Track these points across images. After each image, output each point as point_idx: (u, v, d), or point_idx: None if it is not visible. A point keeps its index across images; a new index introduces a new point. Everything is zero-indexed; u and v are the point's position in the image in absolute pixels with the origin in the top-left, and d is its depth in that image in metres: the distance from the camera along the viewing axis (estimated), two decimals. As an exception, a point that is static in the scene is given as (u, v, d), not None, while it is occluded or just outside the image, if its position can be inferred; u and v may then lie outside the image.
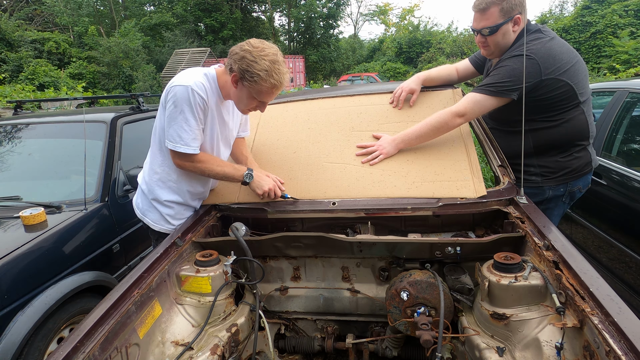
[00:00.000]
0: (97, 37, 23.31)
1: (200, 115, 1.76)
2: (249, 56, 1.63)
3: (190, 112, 1.72)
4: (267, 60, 1.63)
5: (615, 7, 17.03)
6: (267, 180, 1.92)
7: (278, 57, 1.67)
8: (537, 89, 1.82)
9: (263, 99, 1.74)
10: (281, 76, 1.68)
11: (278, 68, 1.66)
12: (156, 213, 1.98)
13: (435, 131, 1.95)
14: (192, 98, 1.70)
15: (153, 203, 1.97)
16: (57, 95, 12.34)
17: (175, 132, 1.75)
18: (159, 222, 1.98)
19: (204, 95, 1.72)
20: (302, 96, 2.59)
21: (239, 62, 1.65)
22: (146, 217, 2.00)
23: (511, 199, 1.76)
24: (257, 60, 1.62)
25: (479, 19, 1.88)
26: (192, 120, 1.74)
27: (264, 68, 1.62)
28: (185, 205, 1.99)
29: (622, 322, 1.00)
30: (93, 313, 1.26)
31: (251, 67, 1.63)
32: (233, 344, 1.60)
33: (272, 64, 1.64)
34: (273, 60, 1.65)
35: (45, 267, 2.13)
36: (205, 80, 1.76)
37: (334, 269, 1.89)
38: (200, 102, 1.72)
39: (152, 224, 1.99)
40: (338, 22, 33.60)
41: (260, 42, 1.69)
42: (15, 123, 3.19)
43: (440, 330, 1.42)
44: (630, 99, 2.79)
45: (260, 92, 1.69)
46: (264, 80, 1.64)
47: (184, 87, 1.70)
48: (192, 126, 1.75)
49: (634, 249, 2.36)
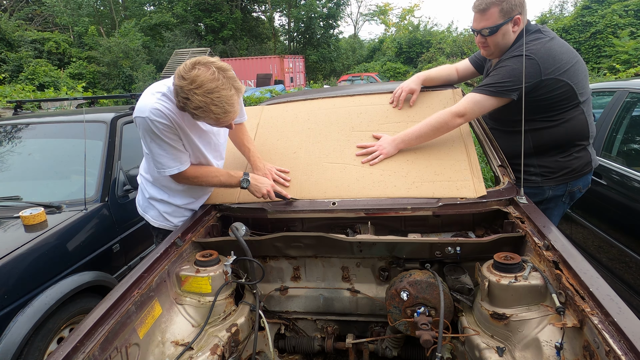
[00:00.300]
0: (97, 37, 23.32)
1: (170, 136, 1.70)
2: (181, 92, 1.49)
3: (158, 139, 1.69)
4: (200, 93, 1.46)
5: (615, 7, 17.03)
6: (264, 183, 1.90)
7: (216, 82, 1.47)
8: (537, 89, 1.82)
9: (218, 126, 1.67)
10: (223, 104, 1.50)
11: (217, 97, 1.48)
12: (154, 210, 2.03)
13: (435, 131, 1.95)
14: (153, 127, 1.65)
15: (150, 201, 2.02)
16: (57, 95, 12.33)
17: (155, 160, 1.77)
18: (158, 219, 2.03)
19: (163, 121, 1.65)
20: (302, 96, 2.60)
21: (175, 97, 1.54)
22: (147, 214, 2.06)
23: (511, 199, 1.76)
24: (189, 97, 1.47)
25: (478, 19, 1.88)
26: (163, 145, 1.71)
27: (198, 105, 1.48)
28: (179, 207, 2.01)
29: (622, 322, 1.00)
30: (93, 313, 1.26)
31: (187, 105, 1.50)
32: (233, 344, 1.60)
33: (206, 96, 1.47)
34: (208, 90, 1.46)
35: (45, 267, 2.13)
36: (164, 101, 1.66)
37: (334, 269, 1.89)
38: (162, 127, 1.66)
39: (152, 220, 2.04)
40: (338, 22, 33.60)
41: (193, 65, 1.48)
42: (15, 123, 3.19)
43: (440, 330, 1.42)
44: (630, 99, 2.79)
45: (210, 123, 1.62)
46: (204, 117, 1.54)
47: (142, 119, 1.65)
48: (166, 149, 1.73)
49: (634, 249, 2.36)
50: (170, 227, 2.02)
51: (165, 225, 2.03)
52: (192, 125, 1.78)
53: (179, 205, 2.00)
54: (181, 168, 1.78)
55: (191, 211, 2.04)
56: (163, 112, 1.64)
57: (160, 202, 2.00)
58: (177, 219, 2.01)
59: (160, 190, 1.98)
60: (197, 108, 1.49)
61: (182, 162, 1.78)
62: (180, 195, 1.98)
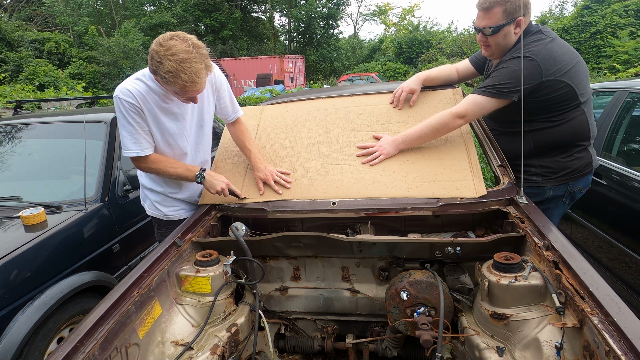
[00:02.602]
0: (97, 37, 23.32)
1: (134, 117, 1.78)
2: (156, 57, 1.57)
3: (124, 119, 1.78)
4: (173, 60, 1.54)
5: (615, 7, 17.02)
6: (219, 180, 1.95)
7: (189, 54, 1.56)
8: (538, 90, 1.82)
9: (185, 96, 1.70)
10: (192, 75, 1.57)
11: (188, 67, 1.56)
12: (148, 200, 2.13)
13: (435, 132, 1.95)
14: (120, 106, 1.75)
15: (144, 191, 2.14)
16: (57, 95, 12.34)
17: (122, 141, 1.85)
18: (151, 207, 2.14)
19: (130, 100, 1.74)
20: (302, 96, 2.59)
21: (150, 61, 1.62)
22: (144, 203, 2.18)
23: (511, 199, 1.76)
24: (162, 61, 1.55)
25: (482, 17, 1.88)
26: (127, 126, 1.80)
27: (169, 70, 1.55)
28: (166, 196, 2.09)
29: (621, 322, 1.00)
30: (93, 313, 1.26)
31: (158, 68, 1.58)
32: (233, 344, 1.60)
33: (178, 63, 1.55)
34: (180, 59, 1.55)
35: (45, 267, 2.13)
36: (138, 83, 1.77)
37: (334, 269, 1.89)
38: (129, 107, 1.75)
39: (147, 209, 2.17)
40: (338, 22, 33.62)
41: (171, 37, 1.59)
42: (15, 123, 3.19)
43: (440, 330, 1.42)
44: (630, 99, 2.79)
45: (176, 91, 1.66)
46: (173, 82, 1.59)
47: (115, 100, 1.76)
48: (129, 131, 1.80)
49: (634, 249, 2.36)
50: (161, 216, 2.11)
51: (157, 214, 2.12)
52: (163, 108, 1.84)
53: (166, 194, 2.07)
54: (140, 153, 1.84)
55: (179, 201, 2.11)
56: (131, 92, 1.75)
57: (150, 190, 2.10)
58: (167, 208, 2.10)
59: (148, 178, 2.09)
60: (168, 72, 1.56)
61: (142, 147, 1.84)
62: (162, 181, 2.06)
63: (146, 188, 2.11)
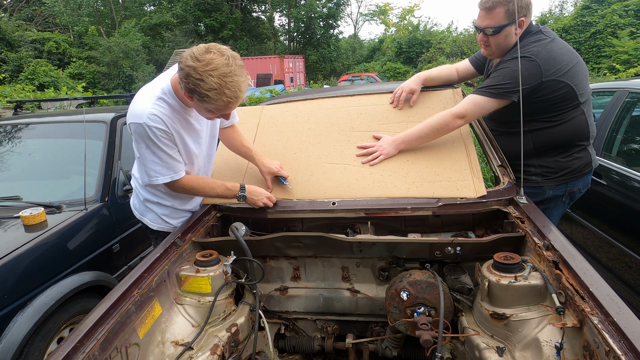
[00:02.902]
0: (97, 37, 23.32)
1: (166, 143, 1.68)
2: (194, 74, 1.43)
3: (154, 146, 1.66)
4: (216, 75, 1.43)
5: (615, 7, 17.03)
6: (260, 195, 1.89)
7: (230, 67, 1.46)
8: (537, 91, 1.82)
9: (222, 112, 1.61)
10: (236, 90, 1.48)
11: (231, 81, 1.46)
12: (152, 213, 2.01)
13: (435, 132, 1.95)
14: (150, 134, 1.62)
15: (147, 204, 2.00)
16: (57, 95, 12.34)
17: (147, 167, 1.74)
18: (157, 221, 2.01)
19: (161, 126, 1.63)
20: (302, 96, 2.59)
21: (185, 80, 1.47)
22: (144, 217, 2.03)
23: (511, 199, 1.76)
24: (204, 78, 1.43)
25: (483, 17, 1.87)
26: (158, 152, 1.69)
27: (213, 87, 1.44)
28: (175, 208, 2.00)
29: (621, 322, 1.00)
30: (93, 313, 1.26)
31: (198, 86, 1.44)
32: (233, 344, 1.60)
33: (221, 78, 1.44)
34: (223, 73, 1.44)
35: (45, 267, 2.13)
36: (160, 105, 1.64)
37: (334, 269, 1.89)
38: (160, 134, 1.64)
39: (151, 223, 2.02)
40: (338, 22, 33.63)
41: (207, 50, 1.47)
42: (15, 123, 3.19)
43: (440, 330, 1.42)
44: (630, 99, 2.79)
45: (217, 108, 1.54)
46: (215, 100, 1.47)
47: (138, 126, 1.62)
48: (162, 157, 1.70)
49: (634, 249, 2.36)
50: (170, 229, 2.00)
51: (164, 227, 2.01)
52: (187, 127, 1.76)
53: (175, 207, 1.99)
54: (174, 177, 1.76)
55: (189, 212, 2.03)
56: (161, 118, 1.62)
57: (157, 204, 1.98)
58: (175, 220, 2.00)
59: (152, 194, 1.96)
60: (211, 90, 1.45)
61: (176, 170, 1.76)
62: (172, 197, 1.96)
63: (151, 202, 1.98)
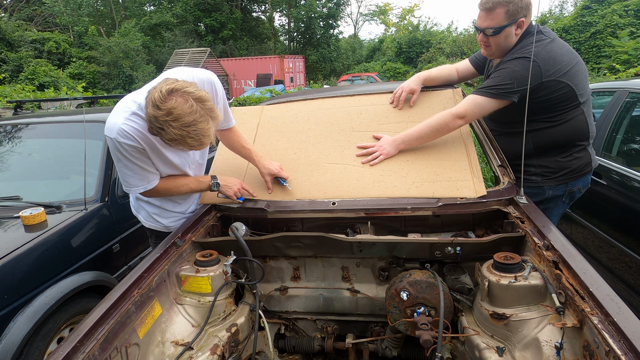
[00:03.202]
0: (97, 37, 23.34)
1: (137, 156, 1.66)
2: (156, 122, 1.41)
3: (125, 159, 1.66)
4: (176, 126, 1.39)
5: (615, 7, 17.02)
6: (234, 183, 1.93)
7: (193, 116, 1.40)
8: (538, 91, 1.82)
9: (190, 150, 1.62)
10: (199, 138, 1.44)
11: (194, 130, 1.41)
12: (144, 211, 2.06)
13: (435, 132, 1.95)
14: (120, 148, 1.61)
15: (139, 202, 2.06)
16: (57, 95, 12.34)
17: (122, 178, 1.76)
18: (148, 219, 2.06)
19: (130, 142, 1.60)
20: (302, 96, 2.59)
21: (149, 124, 1.46)
22: (139, 214, 2.09)
23: (511, 199, 1.76)
24: (164, 128, 1.41)
25: (483, 18, 1.88)
26: (130, 165, 1.68)
27: (174, 138, 1.42)
28: (164, 209, 2.02)
29: (621, 321, 1.00)
30: (93, 313, 1.26)
31: (161, 134, 1.45)
32: (233, 344, 1.60)
33: (183, 129, 1.40)
34: (184, 123, 1.39)
35: (45, 267, 2.13)
36: (133, 120, 1.59)
37: (334, 269, 1.89)
38: (129, 149, 1.61)
39: (143, 221, 2.08)
40: (338, 22, 33.62)
41: (170, 91, 1.39)
42: (15, 123, 3.19)
43: (440, 330, 1.42)
44: (630, 99, 2.79)
45: (182, 150, 1.58)
46: (179, 145, 1.48)
47: (110, 139, 1.61)
48: (133, 169, 1.70)
49: (634, 249, 2.36)
50: (161, 227, 2.04)
51: (155, 226, 2.05)
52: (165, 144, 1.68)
53: (165, 209, 2.02)
54: (147, 187, 1.76)
55: (179, 214, 2.04)
56: (131, 134, 1.59)
57: (147, 203, 2.02)
58: (166, 219, 2.03)
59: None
60: (172, 140, 1.43)
61: (149, 181, 1.76)
62: (159, 199, 1.98)
63: (142, 200, 2.02)
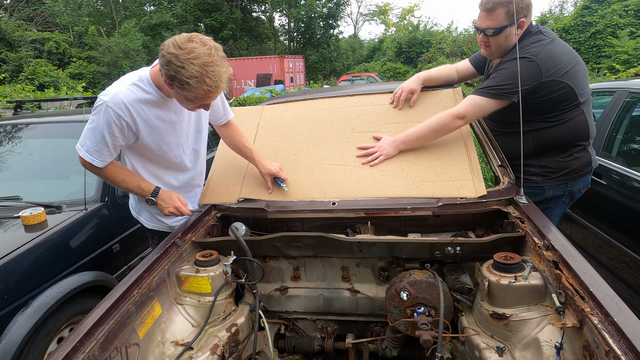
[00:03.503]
0: (97, 37, 23.34)
1: (114, 133, 1.65)
2: (176, 61, 1.44)
3: (102, 126, 1.64)
4: (197, 64, 1.43)
5: (615, 7, 17.03)
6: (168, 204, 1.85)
7: (212, 57, 1.47)
8: (537, 91, 1.82)
9: (202, 102, 1.59)
10: (216, 80, 1.49)
11: (212, 70, 1.46)
12: (147, 212, 2.03)
13: (435, 133, 1.95)
14: (106, 115, 1.61)
15: (141, 204, 2.03)
16: (57, 95, 12.33)
17: (83, 135, 1.70)
18: (151, 220, 2.04)
19: (121, 113, 1.61)
20: (302, 96, 2.59)
21: (166, 67, 1.47)
22: (140, 216, 2.07)
23: (511, 199, 1.76)
24: (185, 66, 1.43)
25: (484, 18, 1.88)
26: (98, 135, 1.65)
27: (194, 75, 1.44)
28: None
29: (621, 322, 1.00)
30: (93, 313, 1.26)
31: (179, 73, 1.44)
32: (233, 344, 1.60)
33: (203, 67, 1.44)
34: (204, 62, 1.44)
35: (45, 267, 2.13)
36: (133, 91, 1.64)
37: (334, 269, 1.89)
38: (115, 119, 1.61)
39: (146, 222, 2.05)
40: (338, 22, 33.63)
41: (189, 39, 1.47)
42: (15, 123, 3.20)
43: (440, 330, 1.42)
44: (630, 99, 2.79)
45: (197, 97, 1.53)
46: (196, 88, 1.47)
47: (101, 103, 1.61)
48: (98, 140, 1.66)
49: (634, 249, 2.36)
50: (164, 228, 2.03)
51: (159, 226, 2.03)
52: (160, 116, 1.74)
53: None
54: (96, 163, 1.71)
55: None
56: (125, 104, 1.61)
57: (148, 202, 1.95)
58: (169, 219, 2.00)
59: None
60: (192, 77, 1.45)
61: (102, 159, 1.71)
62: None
63: (143, 201, 1.96)
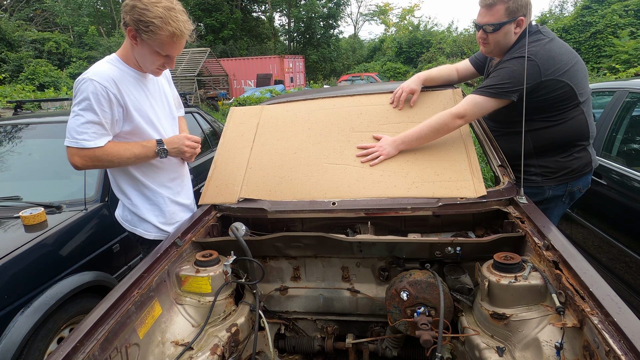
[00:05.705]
0: (97, 37, 23.37)
1: (104, 107, 1.62)
2: (140, 4, 1.53)
3: (94, 103, 1.60)
4: (160, 7, 1.53)
5: (615, 7, 17.04)
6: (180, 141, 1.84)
7: (173, 5, 1.57)
8: (537, 90, 1.82)
9: (166, 51, 1.62)
10: (179, 23, 1.57)
11: (175, 15, 1.55)
12: (146, 223, 1.92)
13: (435, 133, 1.95)
14: (92, 89, 1.59)
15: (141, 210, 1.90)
16: (57, 95, 12.35)
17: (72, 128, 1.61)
18: (152, 230, 1.93)
19: (107, 84, 1.61)
20: (302, 96, 2.59)
21: (130, 12, 1.55)
22: (138, 227, 1.93)
23: (511, 199, 1.76)
24: (149, 8, 1.52)
25: (483, 14, 1.88)
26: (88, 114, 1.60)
27: (158, 15, 1.52)
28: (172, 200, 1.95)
29: (621, 321, 1.00)
30: (93, 313, 1.26)
31: (143, 15, 1.52)
32: (233, 344, 1.60)
33: (166, 10, 1.53)
34: (167, 6, 1.54)
35: (45, 267, 2.13)
36: (111, 67, 1.68)
37: (334, 269, 1.89)
38: (102, 91, 1.60)
39: (145, 233, 1.93)
40: (338, 22, 33.66)
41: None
42: (15, 123, 3.19)
43: (440, 330, 1.42)
44: (630, 99, 2.79)
45: (162, 43, 1.58)
46: (160, 28, 1.54)
47: (83, 81, 1.61)
48: (91, 119, 1.60)
49: (634, 249, 2.36)
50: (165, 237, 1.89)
51: (162, 236, 1.92)
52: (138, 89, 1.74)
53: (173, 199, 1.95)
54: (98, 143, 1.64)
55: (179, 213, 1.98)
56: (109, 75, 1.64)
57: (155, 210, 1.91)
58: (171, 226, 1.94)
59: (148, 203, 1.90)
60: (156, 17, 1.51)
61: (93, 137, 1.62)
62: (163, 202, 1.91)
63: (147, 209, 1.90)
